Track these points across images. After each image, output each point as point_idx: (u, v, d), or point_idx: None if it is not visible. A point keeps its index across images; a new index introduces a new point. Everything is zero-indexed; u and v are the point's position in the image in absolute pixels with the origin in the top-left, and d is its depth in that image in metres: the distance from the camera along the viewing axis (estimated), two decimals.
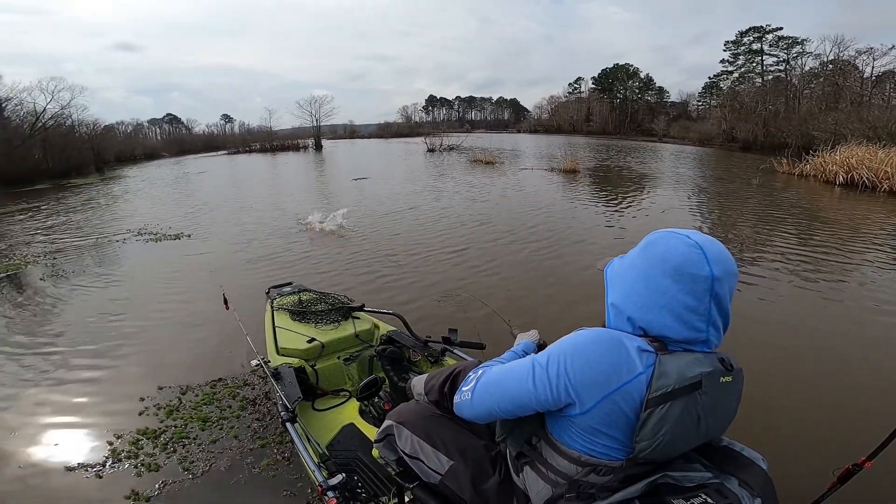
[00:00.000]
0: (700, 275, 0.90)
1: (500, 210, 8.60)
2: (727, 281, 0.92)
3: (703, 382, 0.89)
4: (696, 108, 54.46)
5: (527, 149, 27.26)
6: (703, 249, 0.92)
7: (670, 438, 0.89)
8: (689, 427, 0.91)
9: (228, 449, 2.24)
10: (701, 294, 0.91)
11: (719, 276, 0.90)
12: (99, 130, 30.45)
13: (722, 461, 0.98)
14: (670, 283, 0.92)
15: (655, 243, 0.98)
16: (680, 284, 0.91)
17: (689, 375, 0.88)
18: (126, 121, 49.04)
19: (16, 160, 20.70)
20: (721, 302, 0.92)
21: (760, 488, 0.91)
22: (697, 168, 17.41)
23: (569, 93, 65.41)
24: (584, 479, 0.97)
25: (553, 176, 14.03)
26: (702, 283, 0.90)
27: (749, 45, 41.04)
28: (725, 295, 0.92)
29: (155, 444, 2.28)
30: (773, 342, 3.33)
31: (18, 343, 3.61)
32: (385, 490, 1.43)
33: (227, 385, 2.81)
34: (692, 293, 0.91)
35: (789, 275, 4.73)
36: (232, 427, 2.41)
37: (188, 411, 2.55)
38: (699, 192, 11.01)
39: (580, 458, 0.97)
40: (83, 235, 7.81)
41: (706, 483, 0.91)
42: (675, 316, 0.92)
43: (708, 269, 0.90)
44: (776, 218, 7.70)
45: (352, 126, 65.75)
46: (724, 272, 0.91)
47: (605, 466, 0.96)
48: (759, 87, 35.70)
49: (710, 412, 0.92)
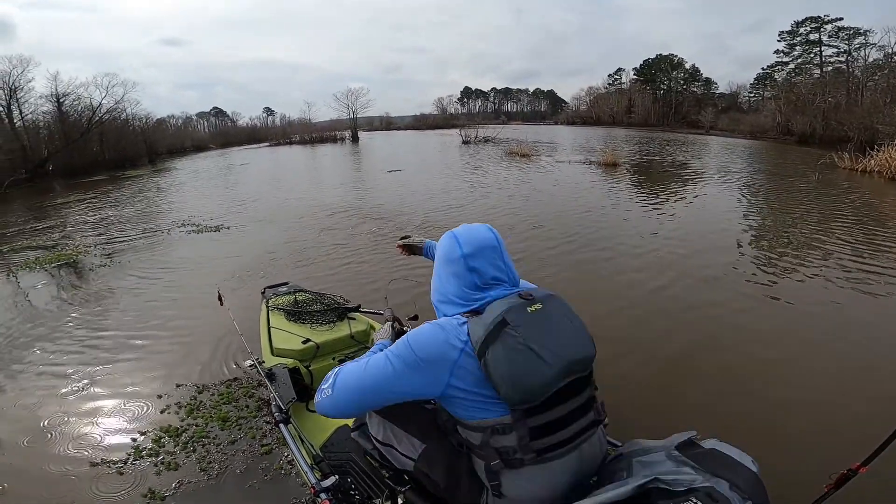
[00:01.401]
0: (455, 257, 1.17)
1: (539, 206, 8.34)
2: (481, 253, 1.16)
3: (507, 319, 1.04)
4: (748, 100, 51.52)
5: (564, 141, 26.53)
6: (456, 238, 1.19)
7: (517, 374, 1.01)
8: (528, 358, 1.02)
9: (244, 451, 2.22)
10: (461, 270, 1.16)
11: (469, 252, 1.16)
12: (151, 124, 32.13)
13: (712, 464, 0.99)
14: (445, 272, 1.20)
15: (440, 249, 1.23)
16: (449, 268, 1.18)
17: (490, 321, 1.04)
18: (176, 114, 51.54)
19: (75, 153, 22.18)
20: (483, 267, 1.15)
21: (751, 491, 0.92)
22: (752, 162, 16.35)
23: (609, 84, 63.19)
24: (495, 446, 1.07)
25: (593, 170, 13.52)
26: (458, 262, 1.16)
27: (806, 35, 38.72)
28: (486, 263, 1.15)
29: (176, 443, 2.28)
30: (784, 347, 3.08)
31: (51, 332, 3.75)
32: (378, 492, 1.40)
33: (241, 385, 2.79)
34: (455, 273, 1.17)
35: (846, 282, 4.27)
36: (250, 428, 2.39)
37: (208, 410, 2.55)
38: (752, 189, 10.28)
39: (478, 424, 1.08)
40: (132, 226, 8.22)
41: (696, 487, 0.92)
42: (458, 296, 1.15)
43: (459, 250, 1.16)
44: (836, 216, 7.05)
45: (388, 118, 66.31)
46: (475, 248, 1.16)
47: (500, 424, 1.05)
48: (818, 79, 33.30)
49: (545, 338, 1.05)
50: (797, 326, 3.50)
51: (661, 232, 6.37)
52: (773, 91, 37.42)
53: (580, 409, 1.12)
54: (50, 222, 8.99)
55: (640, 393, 2.69)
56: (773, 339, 3.28)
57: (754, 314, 3.70)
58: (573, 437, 1.10)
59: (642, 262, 5.03)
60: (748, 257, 5.13)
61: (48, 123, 22.59)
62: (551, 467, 1.08)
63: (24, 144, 20.01)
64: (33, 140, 21.25)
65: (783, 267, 4.78)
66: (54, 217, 9.63)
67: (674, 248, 5.50)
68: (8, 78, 20.53)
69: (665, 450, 1.06)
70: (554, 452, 1.08)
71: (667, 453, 1.05)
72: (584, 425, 1.13)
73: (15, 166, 17.75)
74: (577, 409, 1.11)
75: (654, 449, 1.09)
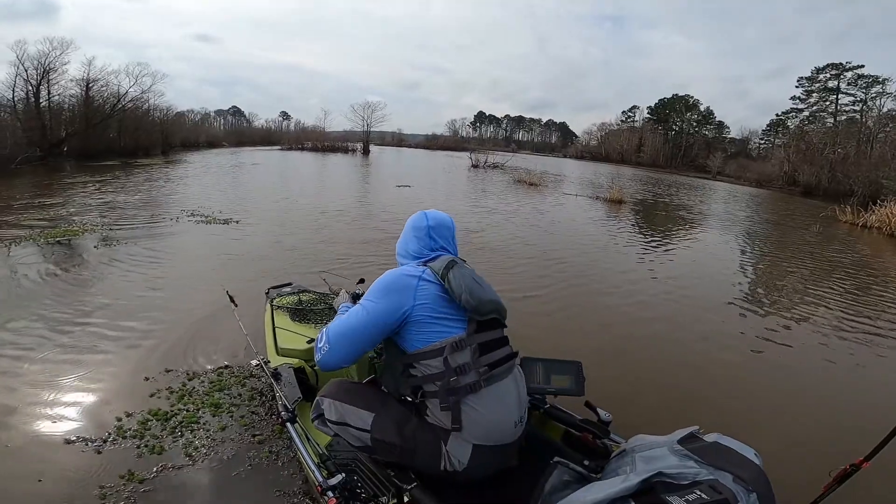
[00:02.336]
0: (421, 225, 1.56)
1: (545, 235, 8.40)
2: (439, 228, 1.56)
3: (455, 262, 1.42)
4: (758, 147, 52.19)
5: (571, 174, 26.84)
6: (426, 214, 1.59)
7: (471, 288, 1.34)
8: (476, 282, 1.38)
9: (233, 439, 2.19)
10: (422, 235, 1.55)
11: (433, 224, 1.56)
12: (171, 116, 32.58)
13: (715, 457, 1.00)
14: (411, 235, 1.58)
15: (410, 219, 1.61)
16: (414, 232, 1.57)
17: (446, 261, 1.42)
18: (196, 109, 52.35)
19: (92, 136, 22.45)
20: (438, 236, 1.55)
21: (755, 483, 0.92)
22: (758, 211, 16.59)
23: (621, 121, 64.30)
24: (454, 363, 1.28)
25: (599, 205, 13.65)
26: (423, 229, 1.55)
27: (825, 82, 38.87)
28: (442, 234, 1.56)
29: (164, 427, 2.25)
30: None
31: (48, 306, 3.72)
32: (384, 490, 1.42)
33: (234, 374, 2.77)
34: (417, 237, 1.55)
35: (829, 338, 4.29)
36: (242, 416, 2.36)
37: (200, 396, 2.53)
38: (752, 237, 10.37)
39: (435, 346, 1.30)
40: (140, 210, 8.25)
41: (700, 480, 0.93)
42: (416, 251, 1.54)
43: (426, 221, 1.56)
44: (829, 269, 7.13)
45: (400, 134, 67.17)
46: (437, 223, 1.57)
47: (457, 340, 1.30)
48: (830, 128, 33.62)
49: (477, 279, 1.40)
50: (787, 382, 3.51)
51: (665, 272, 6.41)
52: (784, 139, 37.54)
53: (503, 339, 1.43)
54: (58, 199, 9.05)
55: (641, 393, 2.79)
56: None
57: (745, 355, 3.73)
58: (505, 358, 1.37)
59: (644, 298, 5.07)
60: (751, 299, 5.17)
61: (72, 106, 22.91)
62: (499, 390, 1.31)
63: (44, 123, 20.26)
64: (55, 120, 21.50)
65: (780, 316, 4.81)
66: (62, 195, 9.70)
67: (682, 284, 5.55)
68: (44, 59, 20.91)
69: (668, 445, 1.08)
70: (498, 370, 1.32)
71: (670, 448, 1.06)
72: (509, 353, 1.41)
73: (31, 144, 17.95)
74: (501, 339, 1.42)
75: (657, 444, 1.11)
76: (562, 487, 1.10)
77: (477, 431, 1.27)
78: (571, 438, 1.66)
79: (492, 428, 1.28)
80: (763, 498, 0.91)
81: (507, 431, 1.31)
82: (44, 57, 20.80)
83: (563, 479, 1.12)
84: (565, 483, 1.11)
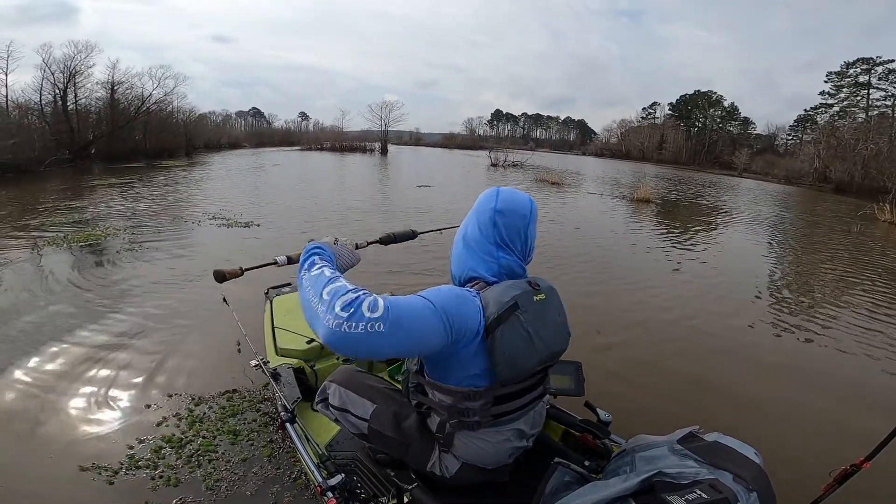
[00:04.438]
0: (487, 208, 1.18)
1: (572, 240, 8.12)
2: (510, 215, 1.17)
3: (518, 302, 1.07)
4: (785, 143, 50.60)
5: (592, 172, 26.31)
6: (498, 192, 1.20)
7: (514, 356, 1.06)
8: (526, 344, 1.07)
9: (255, 472, 2.01)
10: (486, 221, 1.17)
11: (501, 209, 1.17)
12: (194, 118, 33.18)
13: (715, 457, 0.99)
14: (473, 217, 1.22)
15: (480, 197, 1.24)
16: (477, 216, 1.20)
17: (504, 300, 1.07)
18: (217, 111, 53.39)
19: (118, 139, 22.96)
20: (505, 231, 1.17)
21: (755, 482, 0.91)
22: (792, 209, 15.93)
23: (642, 117, 62.98)
24: (461, 405, 1.14)
25: (625, 204, 13.24)
26: (486, 213, 1.17)
27: (855, 77, 37.91)
28: (510, 225, 1.17)
29: (179, 456, 2.08)
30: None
31: (63, 318, 3.58)
32: (384, 490, 1.41)
33: (244, 397, 2.58)
34: (480, 222, 1.18)
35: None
36: (263, 446, 2.18)
37: (213, 423, 2.33)
38: (787, 236, 9.86)
39: (454, 390, 1.13)
40: (164, 212, 8.28)
41: (700, 479, 0.92)
42: (477, 258, 1.18)
43: (494, 202, 1.18)
44: (869, 275, 6.62)
45: (417, 133, 67.26)
46: (508, 209, 1.17)
47: (474, 392, 1.12)
48: (862, 123, 32.36)
49: (541, 327, 1.11)
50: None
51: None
52: (814, 134, 36.67)
53: (536, 383, 1.25)
54: (83, 202, 9.16)
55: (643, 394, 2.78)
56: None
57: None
58: (524, 405, 1.22)
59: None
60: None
61: (98, 109, 23.45)
62: (501, 430, 1.20)
63: (72, 126, 20.79)
64: (82, 123, 22.03)
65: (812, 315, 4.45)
66: (89, 198, 9.83)
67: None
68: (70, 63, 21.45)
69: (668, 444, 1.08)
70: (507, 417, 1.19)
71: (669, 447, 1.06)
72: (534, 396, 1.24)
73: (60, 147, 18.41)
74: (534, 384, 1.24)
75: (657, 444, 1.11)
76: (563, 488, 1.08)
77: (468, 455, 1.22)
78: (571, 439, 1.66)
79: (486, 457, 1.22)
80: (763, 497, 0.90)
81: (502, 458, 1.25)
82: (69, 60, 21.34)
83: (564, 479, 1.10)
84: (566, 484, 1.10)
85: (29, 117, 19.12)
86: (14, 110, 18.61)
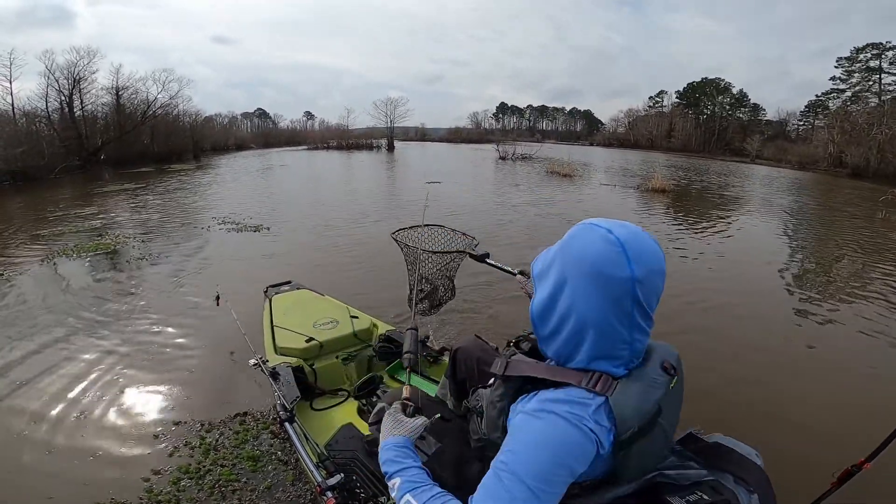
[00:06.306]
0: (619, 278, 0.79)
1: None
2: (653, 278, 0.81)
3: (661, 406, 0.85)
4: (796, 129, 49.77)
5: (601, 163, 25.94)
6: (623, 245, 0.79)
7: (647, 461, 0.89)
8: (664, 442, 0.89)
9: (281, 499, 1.88)
10: (623, 302, 0.80)
11: (642, 278, 0.79)
12: (200, 121, 33.26)
13: (716, 458, 0.97)
14: (588, 290, 0.81)
15: (578, 245, 0.84)
16: (600, 288, 0.80)
17: (647, 409, 0.83)
18: (223, 113, 53.37)
19: (126, 144, 23.04)
20: (647, 304, 0.82)
21: (756, 484, 0.90)
22: (812, 196, 15.44)
23: (649, 106, 62.15)
24: None
25: (639, 195, 12.97)
26: (620, 287, 0.79)
27: (866, 62, 37.52)
28: (652, 293, 0.82)
29: (199, 487, 1.94)
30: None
31: (68, 332, 3.49)
32: (384, 490, 1.38)
33: (256, 419, 2.45)
34: (609, 304, 0.80)
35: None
36: (286, 471, 2.04)
37: (229, 450, 2.19)
38: (810, 224, 9.54)
39: None
40: (173, 218, 8.19)
41: (702, 480, 0.91)
42: (604, 349, 0.84)
43: (628, 270, 0.79)
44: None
45: (423, 129, 66.93)
46: (648, 272, 0.80)
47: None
48: (876, 107, 31.78)
49: (673, 419, 0.91)
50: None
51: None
52: (826, 120, 36.31)
53: None
54: (94, 209, 9.11)
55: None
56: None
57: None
58: None
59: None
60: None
61: (105, 114, 23.54)
62: None
63: (80, 133, 20.88)
64: (90, 129, 22.12)
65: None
66: (100, 205, 9.79)
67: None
68: (73, 69, 21.50)
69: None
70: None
71: (670, 448, 1.01)
72: None
73: (70, 153, 18.49)
74: None
75: None
76: None
77: None
78: None
79: None
80: (764, 498, 0.89)
81: None
82: (72, 66, 21.42)
83: None
84: None
85: (36, 125, 19.23)
86: (21, 118, 18.71)
